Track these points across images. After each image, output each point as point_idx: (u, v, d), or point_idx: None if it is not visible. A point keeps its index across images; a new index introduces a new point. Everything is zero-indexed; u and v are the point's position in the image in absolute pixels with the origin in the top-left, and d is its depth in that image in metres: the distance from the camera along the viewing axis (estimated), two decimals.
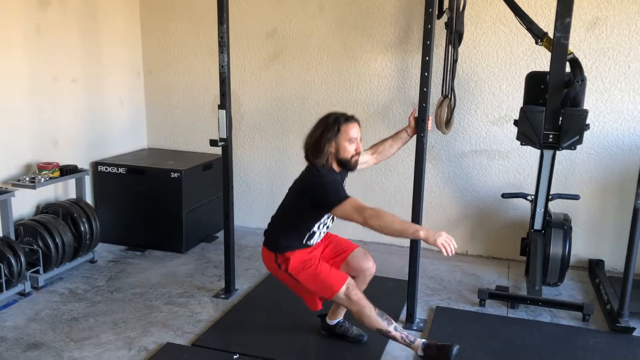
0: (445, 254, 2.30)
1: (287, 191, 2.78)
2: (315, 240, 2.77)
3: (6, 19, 3.57)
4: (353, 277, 2.90)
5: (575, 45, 3.69)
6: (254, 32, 4.49)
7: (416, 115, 2.99)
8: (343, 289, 2.61)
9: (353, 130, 2.62)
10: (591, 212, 4.02)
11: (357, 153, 2.66)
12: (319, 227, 2.73)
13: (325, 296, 2.69)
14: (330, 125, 2.60)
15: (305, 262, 2.69)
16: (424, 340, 2.66)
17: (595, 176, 3.97)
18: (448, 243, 2.30)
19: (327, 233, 2.89)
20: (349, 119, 2.64)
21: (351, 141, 2.62)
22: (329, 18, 4.28)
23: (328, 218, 2.73)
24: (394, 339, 2.65)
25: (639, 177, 2.96)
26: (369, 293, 3.06)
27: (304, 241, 2.72)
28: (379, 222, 2.37)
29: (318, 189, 2.56)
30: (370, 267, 2.87)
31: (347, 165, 2.66)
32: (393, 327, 2.64)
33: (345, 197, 2.48)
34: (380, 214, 2.38)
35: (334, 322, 2.98)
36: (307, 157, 2.67)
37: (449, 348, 2.58)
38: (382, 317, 2.63)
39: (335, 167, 2.66)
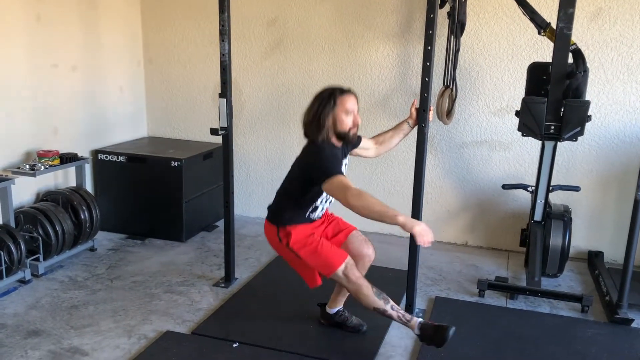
0: (419, 243, 2.31)
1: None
2: (317, 214, 2.76)
3: (6, 7, 3.55)
4: None
5: (578, 36, 3.67)
6: (255, 21, 4.47)
7: (417, 106, 2.98)
8: (342, 267, 2.61)
9: (350, 103, 2.60)
10: (591, 204, 4.02)
11: (355, 125, 2.64)
12: (321, 202, 2.72)
13: (324, 273, 2.68)
14: (326, 99, 2.58)
15: (306, 239, 2.68)
16: (420, 319, 2.65)
17: (596, 168, 3.96)
18: (425, 233, 2.31)
19: (328, 212, 2.90)
20: (344, 91, 2.62)
21: (348, 113, 2.59)
22: (330, 7, 4.25)
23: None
24: (391, 317, 2.65)
25: None
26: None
27: (307, 215, 2.71)
28: (359, 202, 2.35)
29: (313, 163, 2.56)
30: (370, 253, 2.87)
31: (346, 138, 2.64)
32: (390, 307, 2.63)
33: (334, 173, 2.46)
34: (362, 195, 2.37)
35: (334, 310, 2.98)
36: (306, 134, 2.66)
37: (446, 329, 2.57)
38: (379, 296, 2.63)
39: (334, 141, 2.64)
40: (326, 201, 2.76)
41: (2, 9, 3.52)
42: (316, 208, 2.73)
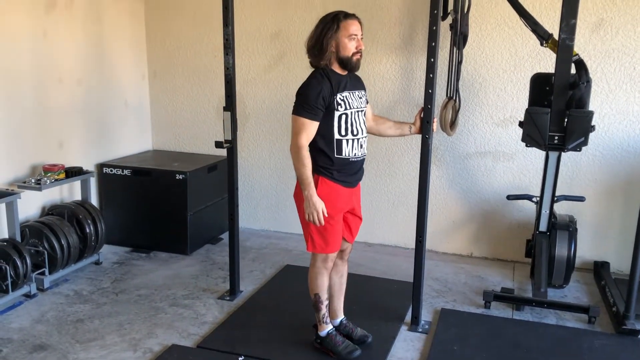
0: (307, 219, 2.58)
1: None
2: (347, 150, 2.64)
3: (14, 23, 3.60)
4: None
5: (580, 46, 3.69)
6: (259, 34, 4.50)
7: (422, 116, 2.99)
8: (332, 255, 2.74)
9: (353, 27, 2.55)
10: (596, 214, 4.01)
11: (359, 51, 2.60)
12: (340, 134, 2.61)
13: (307, 245, 2.74)
14: (329, 23, 2.54)
15: (330, 208, 2.63)
16: (332, 328, 2.84)
17: (601, 178, 3.96)
18: (315, 215, 2.56)
19: (358, 203, 2.89)
20: (348, 15, 2.57)
21: (351, 38, 2.55)
22: None
23: (349, 122, 2.63)
24: (318, 311, 2.82)
25: None
26: (373, 296, 3.07)
27: (335, 154, 2.62)
28: (293, 157, 2.55)
29: (299, 89, 2.59)
30: (345, 271, 2.99)
31: (349, 64, 2.59)
32: (325, 305, 2.82)
33: (302, 113, 2.52)
34: (299, 152, 2.53)
35: (337, 321, 2.98)
36: (310, 62, 2.65)
37: (350, 351, 2.79)
38: (326, 292, 2.80)
39: (337, 68, 2.62)
40: (347, 132, 2.63)
41: (10, 25, 3.57)
42: (340, 143, 2.62)
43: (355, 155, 2.69)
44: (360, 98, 2.73)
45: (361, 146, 2.72)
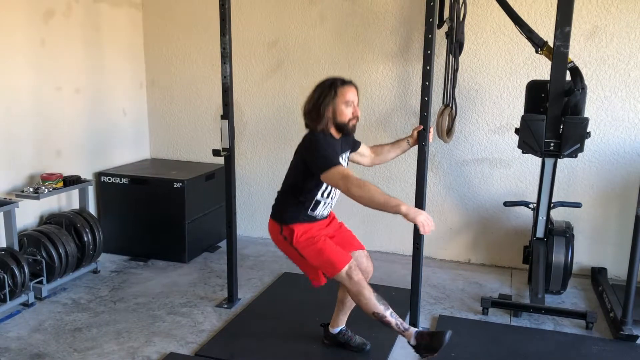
0: (422, 231, 2.37)
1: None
2: (320, 211, 2.73)
3: (12, 31, 3.61)
4: None
5: (575, 53, 3.71)
6: (256, 43, 4.52)
7: (421, 129, 3.00)
8: (345, 268, 2.59)
9: (350, 93, 2.61)
10: (593, 220, 4.03)
11: (355, 117, 2.65)
12: (322, 196, 2.69)
13: (327, 273, 2.67)
14: (327, 89, 2.59)
15: (311, 239, 2.66)
16: (416, 329, 2.64)
17: (597, 184, 3.97)
18: (427, 222, 2.36)
19: (340, 223, 2.90)
20: (345, 82, 2.63)
21: (348, 104, 2.60)
22: (329, 28, 4.31)
23: (331, 186, 2.67)
24: (389, 324, 2.62)
25: None
26: None
27: (308, 211, 2.69)
28: (361, 191, 2.38)
29: (310, 152, 2.57)
30: (371, 269, 2.89)
31: (345, 129, 2.64)
32: (389, 313, 2.61)
33: (334, 163, 2.47)
34: (364, 184, 2.39)
35: (337, 330, 2.98)
36: (306, 124, 2.68)
37: (443, 333, 2.55)
38: (380, 301, 2.61)
39: (334, 132, 2.65)
40: (328, 196, 2.71)
41: (8, 33, 3.58)
42: (318, 203, 2.69)
43: (322, 215, 2.78)
44: (346, 160, 2.79)
45: (330, 207, 2.81)
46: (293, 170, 2.74)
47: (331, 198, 2.75)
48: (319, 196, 2.68)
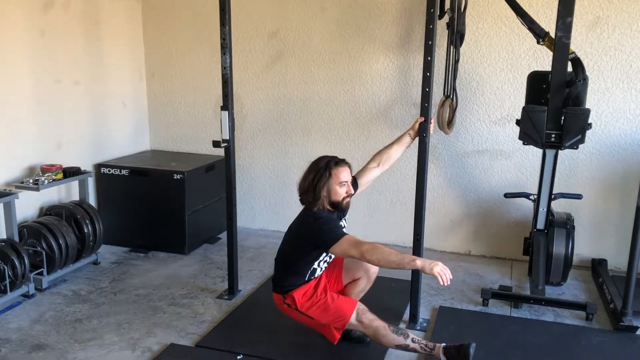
0: (441, 283, 2.45)
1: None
2: (317, 274, 2.85)
3: (11, 22, 3.59)
4: (358, 279, 2.93)
5: (577, 44, 3.69)
6: (256, 34, 4.50)
7: (422, 120, 3.00)
8: (354, 315, 2.68)
9: (344, 174, 2.72)
10: (594, 211, 4.02)
11: (348, 195, 2.76)
12: (319, 264, 2.81)
13: (338, 325, 2.74)
14: (322, 171, 2.70)
15: (312, 298, 2.76)
16: (443, 344, 2.67)
17: (598, 175, 3.96)
18: (444, 272, 2.45)
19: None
20: (339, 162, 2.75)
21: (342, 185, 2.72)
22: (330, 19, 4.29)
23: (327, 255, 2.80)
24: (415, 351, 2.68)
25: None
26: (372, 294, 3.07)
27: (306, 278, 2.80)
28: (376, 255, 2.49)
29: (315, 230, 2.65)
30: (375, 268, 2.92)
31: (339, 207, 2.76)
32: (411, 340, 2.66)
33: (341, 235, 2.60)
34: (376, 247, 2.51)
35: None
36: (302, 201, 2.78)
37: (467, 347, 2.61)
38: (398, 333, 2.67)
39: (328, 208, 2.75)
40: (323, 262, 2.84)
41: (7, 24, 3.57)
42: (314, 271, 2.81)
43: (316, 277, 2.86)
44: (345, 227, 2.86)
45: (327, 264, 2.91)
46: (291, 248, 2.82)
47: (326, 263, 2.88)
48: (316, 265, 2.79)
